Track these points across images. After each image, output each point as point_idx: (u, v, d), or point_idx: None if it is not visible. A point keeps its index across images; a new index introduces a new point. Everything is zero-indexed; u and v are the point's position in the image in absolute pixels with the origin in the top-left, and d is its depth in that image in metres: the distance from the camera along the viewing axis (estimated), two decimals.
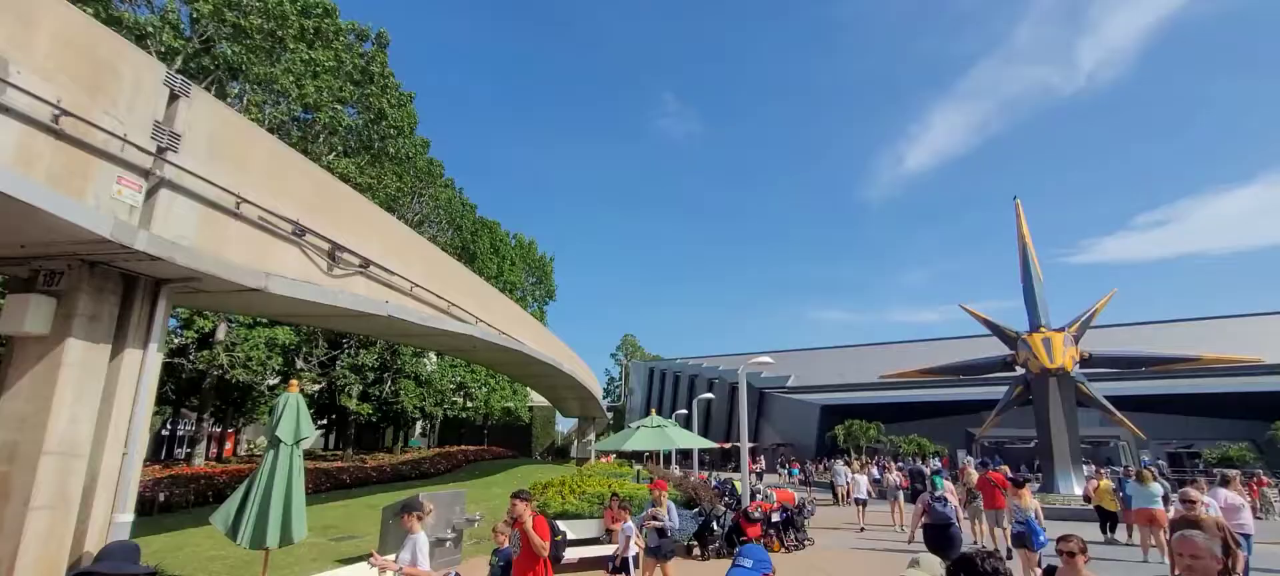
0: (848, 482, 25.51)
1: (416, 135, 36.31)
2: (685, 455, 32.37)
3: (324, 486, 21.57)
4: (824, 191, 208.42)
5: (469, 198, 47.17)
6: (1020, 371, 24.54)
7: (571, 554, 10.32)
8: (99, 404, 5.95)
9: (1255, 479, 22.85)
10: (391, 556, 6.01)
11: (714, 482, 21.25)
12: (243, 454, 38.76)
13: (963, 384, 42.45)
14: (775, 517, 12.90)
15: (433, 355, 38.18)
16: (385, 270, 12.36)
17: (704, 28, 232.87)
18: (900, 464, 29.68)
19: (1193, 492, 5.61)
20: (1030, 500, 9.64)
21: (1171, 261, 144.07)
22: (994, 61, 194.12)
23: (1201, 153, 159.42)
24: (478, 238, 46.03)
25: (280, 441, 7.04)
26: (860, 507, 17.08)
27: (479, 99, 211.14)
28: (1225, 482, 9.13)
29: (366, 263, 11.52)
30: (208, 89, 21.77)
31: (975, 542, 12.29)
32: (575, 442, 52.62)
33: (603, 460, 27.24)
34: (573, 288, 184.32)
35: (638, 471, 23.36)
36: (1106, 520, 14.69)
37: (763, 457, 47.26)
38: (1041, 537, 8.89)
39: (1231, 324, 49.04)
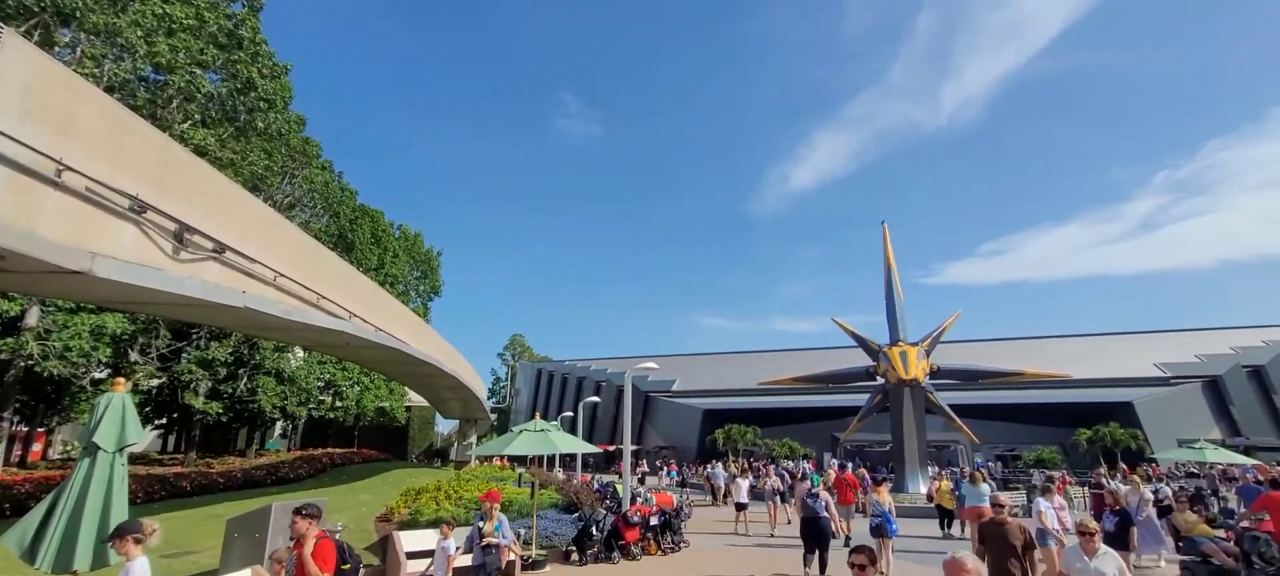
0: (727, 484, 26.63)
1: (291, 111, 33.37)
2: (571, 457, 32.15)
3: (158, 495, 19.14)
4: (716, 203, 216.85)
5: (350, 183, 44.05)
6: (880, 381, 26.79)
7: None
8: None
9: (1061, 478, 26.47)
10: None
11: (596, 485, 21.29)
12: (56, 457, 33.56)
13: (831, 391, 45.68)
14: (654, 520, 13.12)
15: (299, 350, 35.18)
16: (244, 256, 11.24)
17: (609, 33, 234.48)
18: (777, 467, 31.32)
19: (1001, 498, 6.39)
20: (886, 496, 11.56)
21: (1006, 286, 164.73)
22: (872, 94, 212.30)
23: (1033, 193, 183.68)
24: (357, 226, 43.04)
25: (98, 448, 6.10)
26: (741, 511, 16.94)
27: (369, 80, 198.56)
28: (1047, 492, 10.56)
29: (222, 247, 10.41)
30: (29, 35, 18.68)
31: (835, 534, 13.14)
32: (455, 445, 50.72)
33: (500, 464, 26.34)
34: (462, 284, 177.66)
35: (520, 475, 22.89)
36: (945, 517, 16.37)
37: (644, 460, 48.05)
38: (893, 528, 11.02)
39: (1049, 343, 56.68)
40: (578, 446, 13.38)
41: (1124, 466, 31.84)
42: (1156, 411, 43.39)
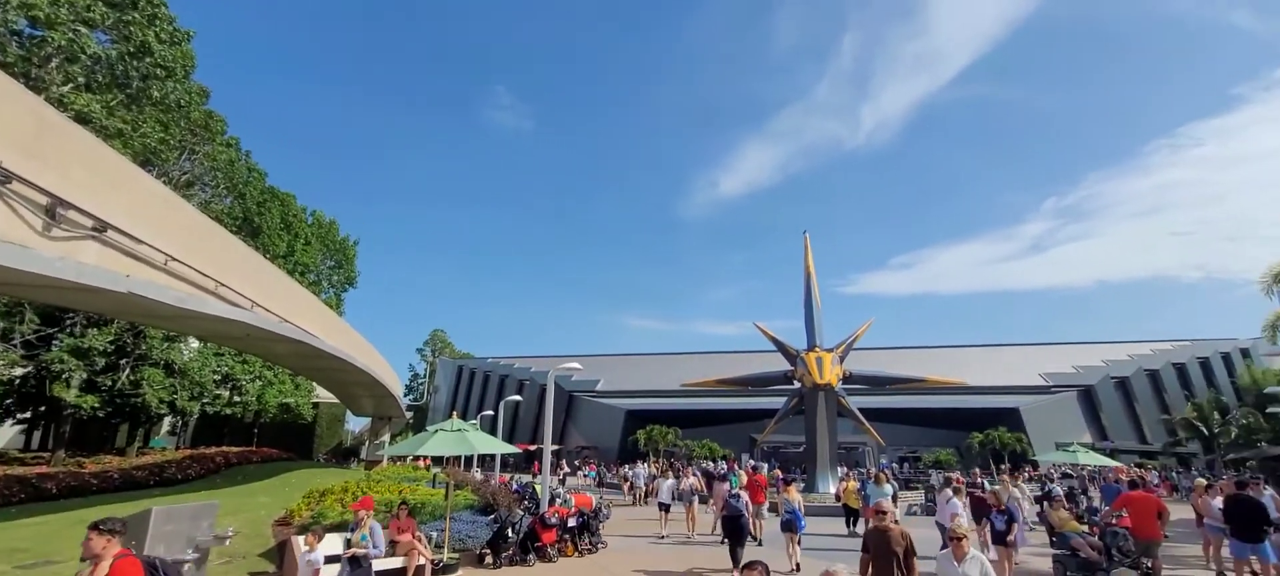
0: (648, 485, 26.83)
1: (192, 81, 30.88)
2: (490, 457, 31.39)
3: (16, 498, 17.19)
4: (646, 205, 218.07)
5: (259, 164, 41.14)
6: (797, 385, 27.78)
7: None
8: None
9: (956, 478, 28.42)
10: None
11: (515, 486, 20.93)
12: None
13: (750, 394, 47.03)
14: (572, 522, 13.03)
15: (193, 340, 32.53)
16: (131, 237, 10.28)
17: (545, 28, 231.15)
18: (696, 467, 31.85)
19: (886, 505, 6.59)
20: (796, 495, 12.46)
21: (914, 297, 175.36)
22: (799, 110, 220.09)
23: (940, 211, 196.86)
24: (266, 210, 40.29)
25: None
26: (664, 512, 16.49)
27: (285, 57, 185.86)
28: (947, 483, 11.56)
29: (103, 226, 9.47)
30: None
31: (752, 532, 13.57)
32: (367, 444, 48.45)
33: (424, 465, 25.23)
34: (380, 277, 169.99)
35: (434, 475, 22.16)
36: (851, 516, 17.18)
37: (565, 460, 47.70)
38: (801, 524, 11.87)
39: (949, 352, 60.74)
40: (496, 446, 13.08)
41: (1006, 467, 34.64)
42: (1039, 417, 47.46)
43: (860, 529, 16.83)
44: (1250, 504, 9.88)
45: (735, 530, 11.15)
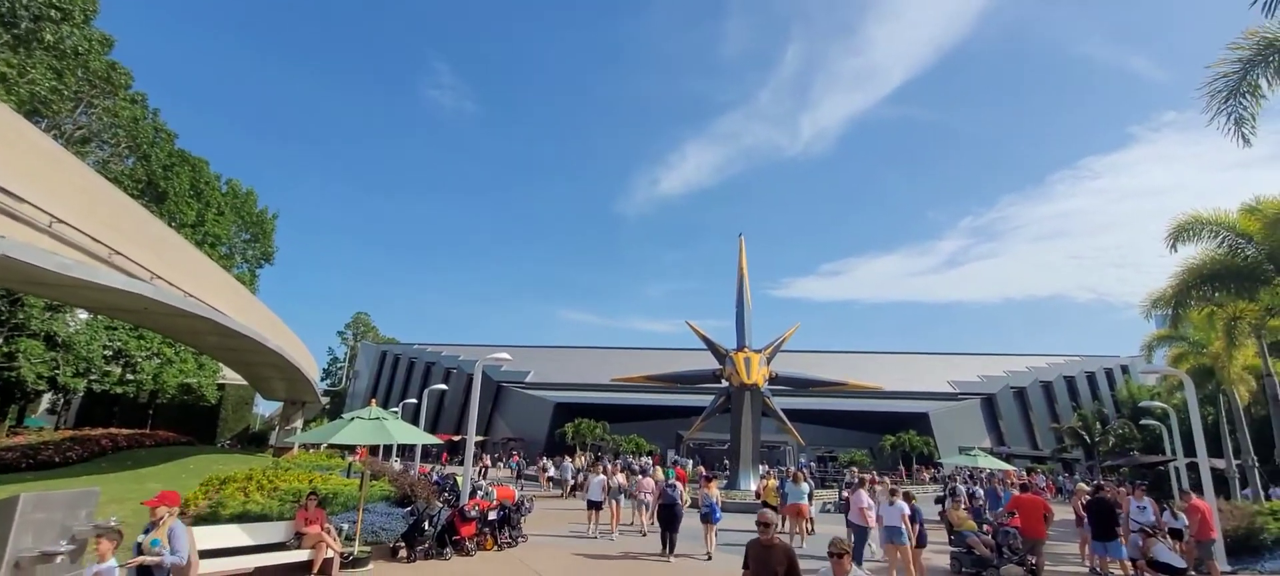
0: (575, 478, 26.71)
1: (93, 27, 28.20)
2: (411, 447, 30.38)
3: None
4: (586, 197, 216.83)
5: (169, 125, 37.96)
6: (725, 384, 28.38)
7: (246, 562, 8.86)
8: None
9: (870, 477, 29.85)
10: None
11: (435, 477, 20.34)
12: None
13: (679, 391, 47.67)
14: (492, 515, 12.78)
15: (82, 311, 29.77)
16: (9, 193, 9.26)
17: (492, 7, 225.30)
18: (623, 462, 31.95)
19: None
20: (715, 490, 13.58)
21: (839, 303, 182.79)
22: (741, 114, 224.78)
23: (868, 222, 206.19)
24: (173, 174, 37.27)
25: None
26: (593, 510, 15.37)
27: (203, 9, 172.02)
28: (861, 483, 12.18)
29: None
30: None
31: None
32: (277, 429, 45.90)
33: (351, 454, 23.94)
34: (301, 253, 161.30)
35: (350, 464, 21.24)
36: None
37: (486, 454, 46.84)
38: (718, 516, 13.01)
39: (868, 358, 63.66)
40: (417, 437, 12.67)
41: (898, 471, 36.72)
42: (946, 422, 50.56)
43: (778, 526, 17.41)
44: (1105, 505, 10.83)
45: (670, 517, 12.56)
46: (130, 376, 35.52)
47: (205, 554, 8.37)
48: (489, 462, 36.71)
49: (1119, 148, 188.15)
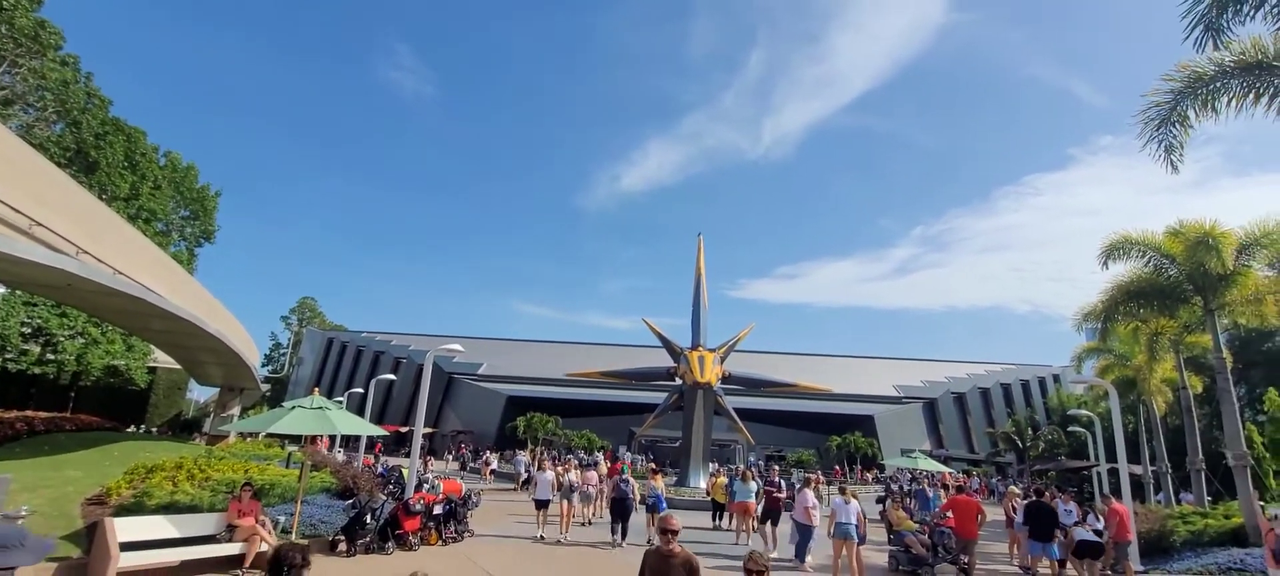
0: (527, 472, 26.39)
1: None
2: (357, 438, 29.45)
3: None
4: (548, 190, 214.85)
5: (103, 90, 35.70)
6: (678, 382, 28.57)
7: (171, 555, 8.44)
8: None
9: (815, 477, 30.54)
10: None
11: (380, 469, 19.83)
12: None
13: (633, 387, 47.78)
14: (438, 509, 12.52)
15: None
16: None
17: None
18: (578, 458, 31.78)
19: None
20: (660, 482, 15.13)
21: (793, 306, 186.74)
22: (704, 115, 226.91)
23: (824, 228, 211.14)
24: (106, 143, 35.12)
25: None
26: (540, 510, 14.35)
27: None
28: (806, 483, 12.61)
29: None
30: None
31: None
32: (212, 416, 43.88)
33: (318, 446, 22.88)
34: (245, 233, 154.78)
35: (289, 454, 20.49)
36: (718, 510, 17.92)
37: (438, 444, 45.97)
38: (663, 507, 13.30)
39: (818, 360, 65.20)
40: (362, 427, 12.31)
41: (836, 470, 37.82)
42: (890, 424, 52.25)
43: (726, 523, 17.58)
44: (1045, 509, 11.50)
45: (622, 509, 13.61)
46: (51, 356, 33.36)
47: (127, 546, 7.93)
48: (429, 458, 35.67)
49: (1059, 167, 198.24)
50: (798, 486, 14.42)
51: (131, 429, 34.93)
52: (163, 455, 14.87)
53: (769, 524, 13.69)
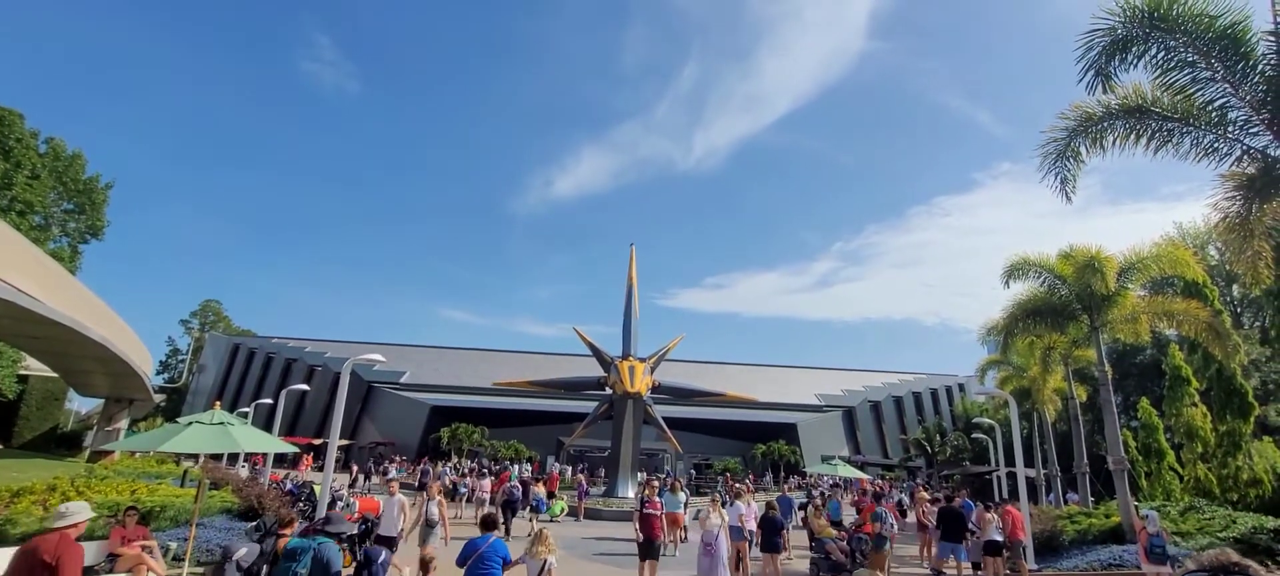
0: (460, 484, 25.46)
1: None
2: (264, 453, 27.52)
3: None
4: (472, 192, 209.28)
5: None
6: (608, 391, 28.47)
7: None
8: None
9: (746, 486, 31.17)
10: None
11: (289, 486, 18.63)
12: None
13: (562, 396, 47.25)
14: (353, 529, 11.84)
15: None
16: None
17: None
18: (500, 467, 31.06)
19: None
20: (541, 488, 17.11)
21: (722, 316, 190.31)
22: (637, 125, 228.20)
23: (750, 240, 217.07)
24: None
25: None
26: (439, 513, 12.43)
27: None
28: (738, 495, 12.84)
29: None
30: None
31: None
32: (96, 430, 39.92)
33: (212, 465, 21.01)
34: (139, 229, 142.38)
35: (185, 471, 18.93)
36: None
37: (355, 461, 43.71)
38: (543, 507, 16.00)
39: (744, 370, 66.77)
40: (268, 444, 11.49)
41: (747, 478, 38.79)
42: (811, 432, 54.16)
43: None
44: (955, 513, 12.24)
45: (507, 503, 16.16)
46: None
47: None
48: (358, 468, 33.85)
49: (965, 190, 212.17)
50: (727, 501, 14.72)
51: None
52: (34, 475, 13.37)
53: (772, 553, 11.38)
